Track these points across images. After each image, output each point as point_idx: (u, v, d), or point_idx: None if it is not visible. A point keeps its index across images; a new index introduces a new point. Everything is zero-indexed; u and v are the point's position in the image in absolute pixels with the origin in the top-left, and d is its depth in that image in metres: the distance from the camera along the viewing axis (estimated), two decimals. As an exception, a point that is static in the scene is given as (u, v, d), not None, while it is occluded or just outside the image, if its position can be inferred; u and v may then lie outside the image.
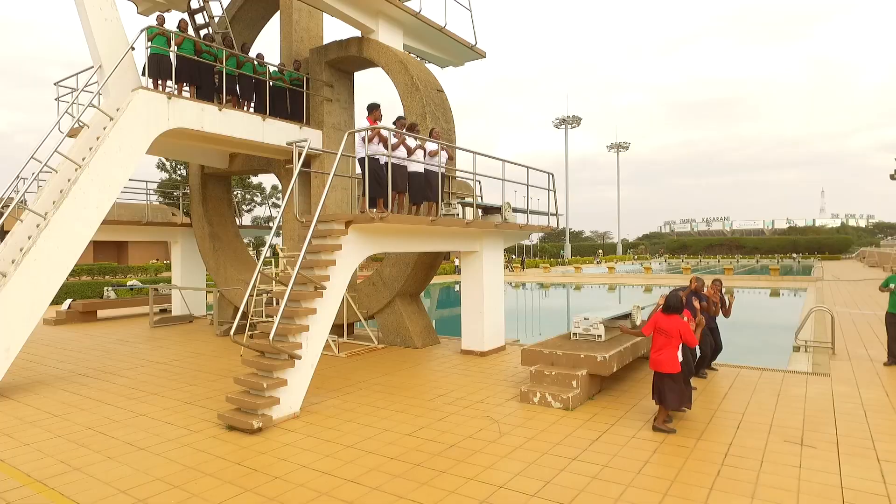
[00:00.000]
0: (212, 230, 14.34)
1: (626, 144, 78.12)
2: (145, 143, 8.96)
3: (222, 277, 13.99)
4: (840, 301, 18.97)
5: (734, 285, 28.15)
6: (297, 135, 11.48)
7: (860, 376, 8.05)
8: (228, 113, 10.13)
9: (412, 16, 11.51)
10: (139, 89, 8.86)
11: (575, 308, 22.98)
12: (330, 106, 12.14)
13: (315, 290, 6.61)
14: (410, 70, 10.69)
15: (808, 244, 72.46)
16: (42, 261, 7.73)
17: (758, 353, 11.67)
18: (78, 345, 11.70)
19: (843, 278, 30.38)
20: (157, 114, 9.04)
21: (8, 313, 7.42)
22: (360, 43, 11.38)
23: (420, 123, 10.53)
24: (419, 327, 11.05)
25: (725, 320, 8.62)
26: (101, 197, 8.37)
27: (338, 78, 12.38)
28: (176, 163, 49.61)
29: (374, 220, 7.00)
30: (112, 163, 8.50)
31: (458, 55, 13.59)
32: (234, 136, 10.33)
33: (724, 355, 8.62)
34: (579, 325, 8.08)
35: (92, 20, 9.30)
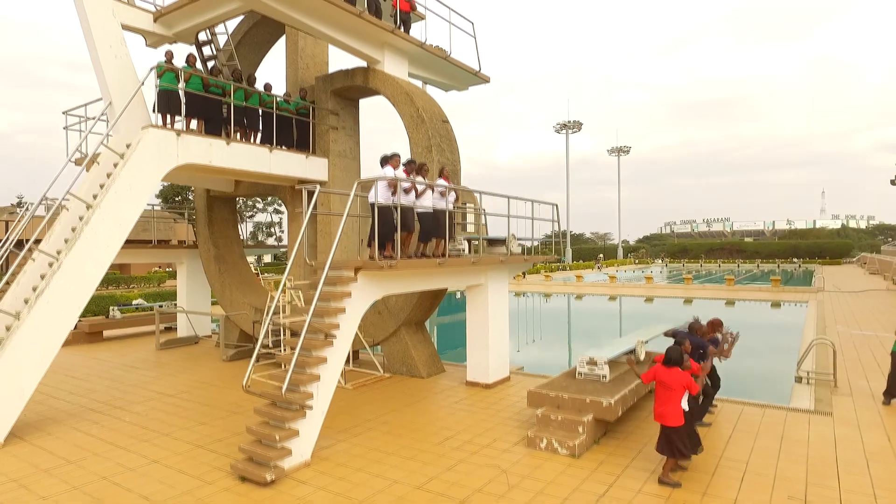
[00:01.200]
0: (217, 252, 14.44)
1: (627, 149, 78.23)
2: (155, 180, 9.07)
3: (228, 300, 14.10)
4: (841, 317, 19.06)
5: (736, 297, 28.26)
6: (304, 164, 11.60)
7: (862, 415, 8.15)
8: (236, 146, 10.23)
9: (417, 46, 11.61)
10: (149, 128, 8.96)
11: (577, 326, 23.08)
12: (336, 134, 12.25)
13: (325, 338, 6.72)
14: (416, 102, 10.79)
15: (809, 248, 72.55)
16: (55, 302, 7.84)
17: (760, 382, 11.78)
18: (86, 371, 11.80)
19: (845, 289, 30.46)
20: (167, 151, 9.14)
21: (22, 355, 7.53)
22: (366, 73, 11.48)
23: (426, 156, 10.67)
24: (424, 356, 11.16)
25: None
26: (112, 236, 8.48)
27: (343, 105, 12.49)
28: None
29: (383, 268, 7.10)
30: (123, 201, 8.60)
31: (463, 81, 13.69)
32: (241, 169, 10.45)
33: (728, 386, 8.72)
34: (584, 365, 8.19)
35: (102, 57, 9.44)
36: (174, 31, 10.44)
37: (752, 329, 18.73)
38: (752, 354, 14.89)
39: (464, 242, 9.65)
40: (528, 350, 17.17)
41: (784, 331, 18.09)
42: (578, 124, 66.16)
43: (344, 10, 9.86)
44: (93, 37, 9.33)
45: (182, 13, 10.08)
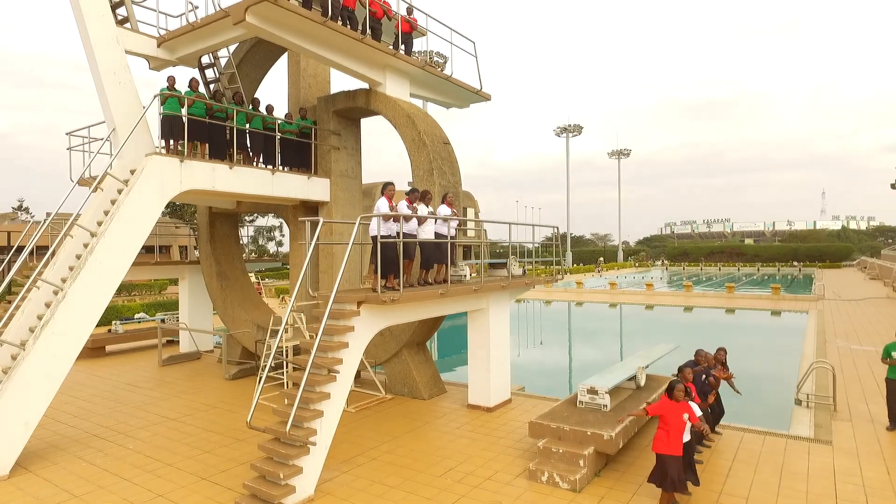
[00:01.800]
0: (219, 269, 14.50)
1: (627, 151, 78.28)
2: (159, 207, 9.13)
3: (230, 317, 14.15)
4: (841, 330, 19.11)
5: (737, 305, 28.30)
6: (306, 185, 11.65)
7: (862, 444, 8.20)
8: (239, 170, 10.29)
9: (419, 67, 11.66)
10: (152, 155, 9.02)
11: (578, 335, 23.13)
12: (337, 154, 12.31)
13: (328, 373, 6.77)
14: (418, 125, 10.84)
15: (809, 251, 72.57)
16: (60, 333, 7.90)
17: (760, 399, 11.82)
18: (89, 391, 11.85)
19: (844, 296, 30.51)
20: (170, 177, 9.20)
21: (27, 388, 7.58)
22: (368, 95, 11.54)
23: (427, 179, 10.72)
24: (426, 377, 11.21)
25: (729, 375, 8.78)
26: (117, 265, 8.55)
27: (345, 125, 12.54)
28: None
29: (386, 303, 7.15)
30: (127, 229, 8.66)
31: (464, 99, 13.75)
32: (244, 192, 10.52)
33: (728, 405, 8.80)
34: (585, 394, 8.24)
35: (106, 84, 9.50)
36: (177, 55, 10.49)
37: (751, 342, 18.79)
38: (753, 370, 14.93)
39: (465, 268, 9.70)
40: (530, 361, 17.20)
41: (784, 345, 18.12)
42: (579, 128, 66.20)
43: (345, 35, 9.91)
44: (97, 63, 9.39)
45: (185, 39, 10.13)
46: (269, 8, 8.64)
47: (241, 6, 8.64)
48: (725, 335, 20.54)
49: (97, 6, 9.32)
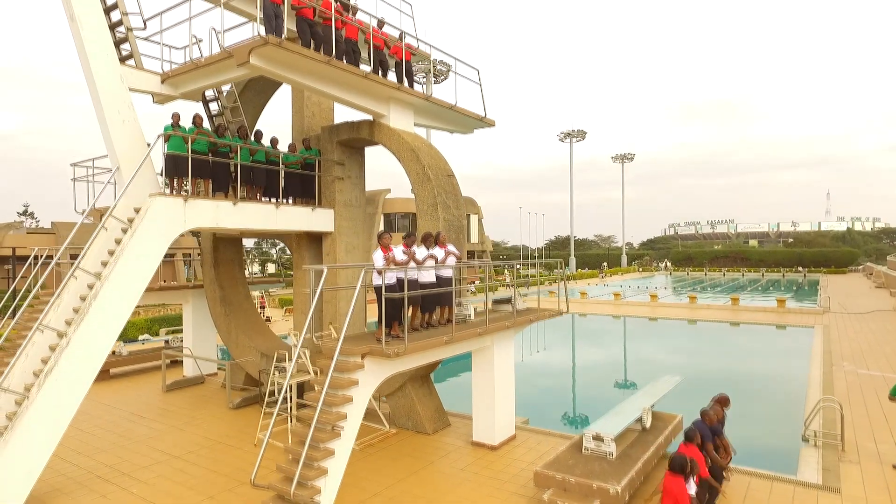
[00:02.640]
0: (223, 294, 14.48)
1: (631, 156, 78.09)
2: (163, 248, 9.10)
3: (234, 343, 14.13)
4: (847, 350, 18.99)
5: (741, 319, 28.16)
6: (310, 217, 11.63)
7: (871, 492, 8.12)
8: (242, 206, 10.26)
9: (423, 99, 11.62)
10: (156, 196, 8.99)
11: (582, 352, 23.04)
12: (341, 184, 12.27)
13: (332, 429, 6.74)
14: (422, 159, 10.80)
15: (814, 257, 72.26)
16: (64, 380, 7.88)
17: (767, 437, 11.75)
18: (94, 422, 11.84)
19: (851, 309, 30.35)
20: (174, 217, 9.17)
21: (31, 438, 7.57)
22: (372, 127, 11.50)
23: (431, 214, 10.69)
24: (430, 410, 11.17)
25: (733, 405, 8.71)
26: (121, 309, 8.52)
27: (349, 155, 12.51)
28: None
29: (390, 356, 7.11)
30: (131, 272, 8.63)
31: (469, 126, 13.70)
32: (248, 228, 10.50)
33: (736, 440, 8.71)
34: (590, 440, 8.18)
35: (110, 123, 9.48)
36: (181, 90, 10.47)
37: (756, 366, 18.65)
38: (759, 397, 14.84)
39: (469, 307, 9.65)
40: (533, 379, 17.12)
41: (789, 368, 17.99)
42: (583, 133, 66.07)
43: (350, 72, 9.88)
44: (101, 103, 9.37)
45: (188, 76, 10.11)
46: (273, 50, 8.62)
47: (244, 48, 8.61)
48: (729, 356, 20.39)
49: (101, 46, 9.31)
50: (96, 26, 9.22)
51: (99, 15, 9.32)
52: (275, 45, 8.48)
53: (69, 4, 8.99)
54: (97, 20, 9.26)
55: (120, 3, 9.93)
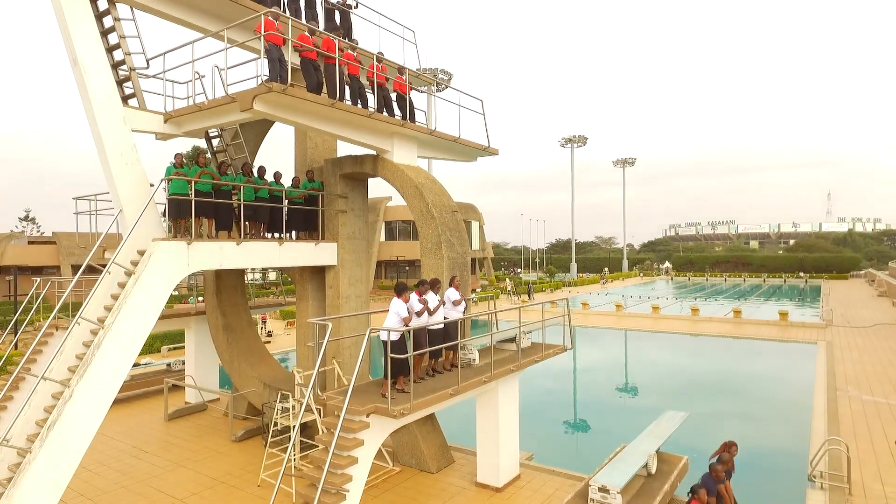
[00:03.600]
0: (225, 322, 14.42)
1: (632, 160, 78.00)
2: (166, 294, 9.04)
3: (236, 372, 14.08)
4: (851, 372, 18.94)
5: (744, 333, 28.08)
6: (313, 252, 11.57)
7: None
8: (246, 245, 10.20)
9: (426, 133, 11.57)
10: (159, 241, 8.93)
11: (583, 371, 22.97)
12: (344, 217, 12.22)
13: (336, 493, 6.69)
14: (426, 197, 10.74)
15: (816, 262, 72.16)
16: (67, 433, 7.82)
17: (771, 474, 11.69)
18: (95, 457, 11.76)
19: (853, 322, 30.30)
20: (177, 262, 9.11)
21: (33, 492, 7.51)
22: (375, 162, 11.44)
23: (435, 252, 10.64)
24: (433, 448, 11.11)
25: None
26: (123, 359, 8.47)
27: (352, 187, 12.45)
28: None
29: (396, 416, 7.06)
30: (134, 320, 8.58)
31: (472, 155, 13.65)
32: (251, 266, 10.45)
33: (741, 477, 8.67)
34: (595, 492, 8.13)
35: (113, 166, 9.43)
36: (184, 130, 10.43)
37: (760, 389, 18.56)
38: (762, 427, 14.77)
39: (474, 351, 9.60)
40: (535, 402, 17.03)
41: (793, 395, 17.92)
42: (583, 139, 65.99)
43: (354, 113, 9.83)
44: (103, 144, 9.32)
45: (191, 118, 10.06)
46: (276, 96, 8.57)
47: (248, 95, 8.56)
48: (732, 378, 20.20)
49: (104, 90, 9.25)
50: (99, 70, 9.17)
51: (102, 58, 9.27)
52: (278, 91, 8.43)
53: (72, 49, 8.94)
54: (100, 64, 9.21)
55: (123, 44, 9.87)
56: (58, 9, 8.82)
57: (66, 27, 8.84)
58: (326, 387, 11.95)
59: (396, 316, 7.73)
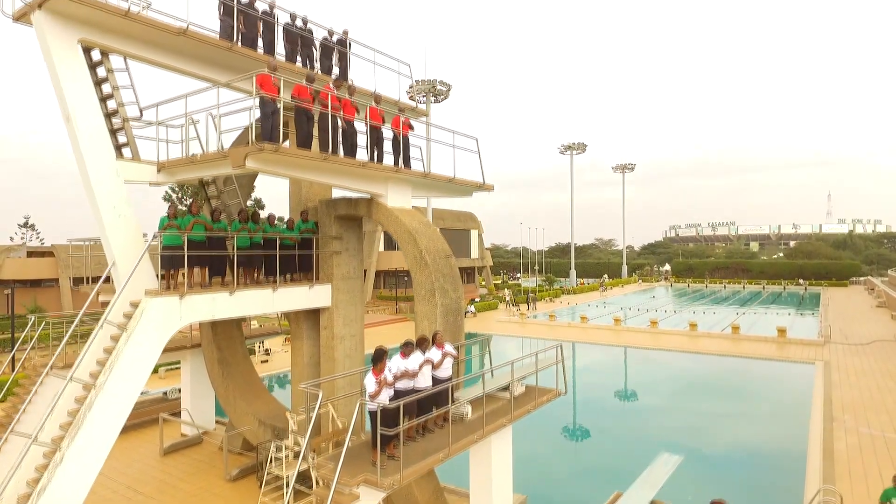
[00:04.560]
0: (221, 355, 14.43)
1: (632, 166, 77.88)
2: (159, 349, 9.06)
3: (231, 407, 14.09)
4: (848, 396, 18.94)
5: (741, 351, 28.05)
6: (307, 295, 11.57)
7: None
8: (239, 294, 10.21)
9: (421, 176, 11.56)
10: (152, 297, 8.93)
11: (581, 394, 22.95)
12: (339, 258, 12.21)
13: (327, 569, 6.68)
14: (420, 243, 10.73)
15: (815, 269, 72.14)
16: (58, 494, 7.83)
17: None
18: (88, 499, 11.77)
19: (851, 336, 30.30)
20: (170, 317, 9.13)
21: (25, 560, 7.52)
22: (370, 206, 11.43)
23: (428, 300, 10.62)
24: (427, 493, 11.07)
25: None
26: (116, 417, 8.47)
27: (347, 227, 12.43)
28: (183, 195, 48.08)
29: (386, 488, 7.05)
30: (126, 379, 8.58)
31: (467, 192, 13.65)
32: (245, 315, 10.45)
33: None
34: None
35: (105, 218, 9.43)
36: (177, 178, 10.44)
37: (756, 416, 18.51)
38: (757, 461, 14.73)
39: (467, 406, 9.58)
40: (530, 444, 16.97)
41: (789, 422, 17.91)
42: (583, 146, 65.93)
43: (348, 164, 9.82)
44: (95, 199, 9.30)
45: (184, 168, 10.06)
46: (268, 155, 8.56)
47: (240, 153, 8.55)
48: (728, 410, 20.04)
49: (97, 145, 9.24)
50: (92, 126, 9.15)
51: (95, 114, 9.26)
52: (270, 151, 8.43)
53: (65, 105, 8.93)
54: (93, 120, 9.20)
55: (116, 95, 9.88)
56: (51, 66, 8.81)
57: (59, 84, 8.82)
58: (321, 429, 11.95)
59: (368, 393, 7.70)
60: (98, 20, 8.93)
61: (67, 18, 8.77)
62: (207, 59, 10.54)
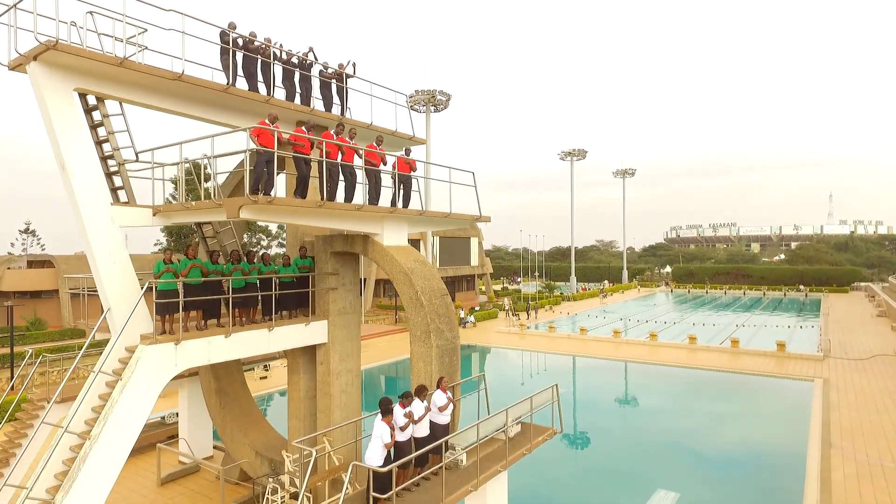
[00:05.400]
0: (218, 385, 14.44)
1: (633, 171, 77.92)
2: (154, 397, 9.05)
3: (229, 438, 14.11)
4: (847, 419, 18.93)
5: (740, 366, 28.03)
6: (303, 333, 11.57)
7: None
8: (235, 336, 10.21)
9: (417, 214, 11.58)
10: (148, 345, 8.94)
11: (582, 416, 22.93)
12: (335, 294, 12.21)
13: None
14: (415, 283, 10.73)
15: (816, 275, 72.09)
16: (52, 551, 7.85)
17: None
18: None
19: (851, 349, 30.28)
20: (165, 363, 9.13)
21: None
22: (366, 243, 11.44)
23: (424, 341, 10.63)
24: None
25: None
26: (111, 468, 8.47)
27: (343, 262, 12.44)
28: (181, 235, 45.28)
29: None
30: (121, 429, 8.58)
31: (463, 224, 13.66)
32: (241, 357, 10.47)
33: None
34: None
35: (100, 265, 9.43)
36: (172, 221, 10.44)
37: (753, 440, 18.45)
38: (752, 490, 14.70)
39: (462, 453, 9.59)
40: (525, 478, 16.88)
41: (787, 446, 17.89)
42: (583, 152, 65.95)
43: (344, 209, 9.84)
44: (91, 246, 9.31)
45: (179, 214, 10.07)
46: (262, 206, 8.57)
47: (234, 204, 8.56)
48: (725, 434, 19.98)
49: (93, 192, 9.23)
50: (88, 174, 9.16)
51: (91, 161, 9.27)
52: (265, 203, 8.44)
53: (60, 154, 8.94)
54: (89, 167, 9.20)
55: (111, 139, 9.89)
56: (45, 115, 8.82)
57: (54, 134, 8.83)
58: (317, 467, 11.96)
59: (380, 441, 7.73)
60: (93, 69, 8.94)
61: (63, 69, 8.78)
62: (204, 100, 10.56)
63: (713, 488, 15.21)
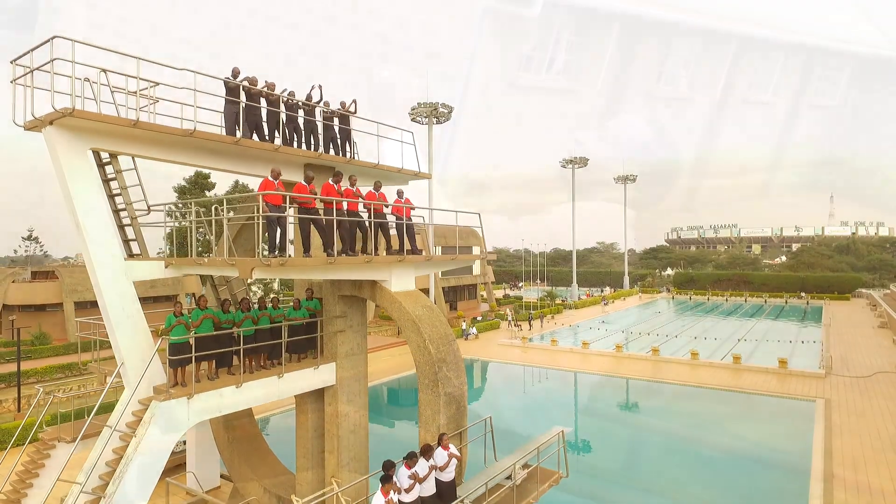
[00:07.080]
0: (226, 419, 14.58)
1: (633, 177, 77.83)
2: (167, 452, 9.22)
3: (237, 474, 14.25)
4: (849, 445, 19.03)
5: (742, 384, 28.13)
6: (312, 377, 11.72)
7: None
8: (246, 386, 10.36)
9: (424, 260, 11.71)
10: (162, 402, 9.09)
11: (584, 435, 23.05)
12: (343, 336, 12.35)
13: None
14: (423, 331, 10.87)
15: (817, 282, 72.11)
16: None
17: None
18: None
19: (853, 365, 30.39)
20: (179, 417, 9.29)
21: None
22: (373, 289, 11.57)
23: (431, 391, 10.76)
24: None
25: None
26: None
27: (351, 304, 12.58)
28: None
29: None
30: (136, 484, 8.74)
31: (470, 262, 13.76)
32: (252, 405, 10.61)
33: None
34: None
35: (114, 319, 9.58)
36: (183, 272, 10.58)
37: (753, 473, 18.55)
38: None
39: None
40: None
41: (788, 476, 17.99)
42: (584, 160, 65.95)
43: (352, 262, 9.97)
44: (104, 300, 9.46)
45: (191, 267, 10.21)
46: (274, 268, 8.71)
47: (247, 265, 8.71)
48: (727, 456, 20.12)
49: (106, 249, 9.39)
50: (102, 232, 9.30)
51: (105, 218, 9.42)
52: (276, 265, 8.58)
53: (74, 213, 9.07)
54: (103, 224, 9.35)
55: (124, 194, 10.04)
56: (60, 176, 8.95)
57: (69, 194, 8.97)
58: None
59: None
60: (108, 131, 9.08)
61: (79, 131, 8.92)
62: (215, 151, 10.68)
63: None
